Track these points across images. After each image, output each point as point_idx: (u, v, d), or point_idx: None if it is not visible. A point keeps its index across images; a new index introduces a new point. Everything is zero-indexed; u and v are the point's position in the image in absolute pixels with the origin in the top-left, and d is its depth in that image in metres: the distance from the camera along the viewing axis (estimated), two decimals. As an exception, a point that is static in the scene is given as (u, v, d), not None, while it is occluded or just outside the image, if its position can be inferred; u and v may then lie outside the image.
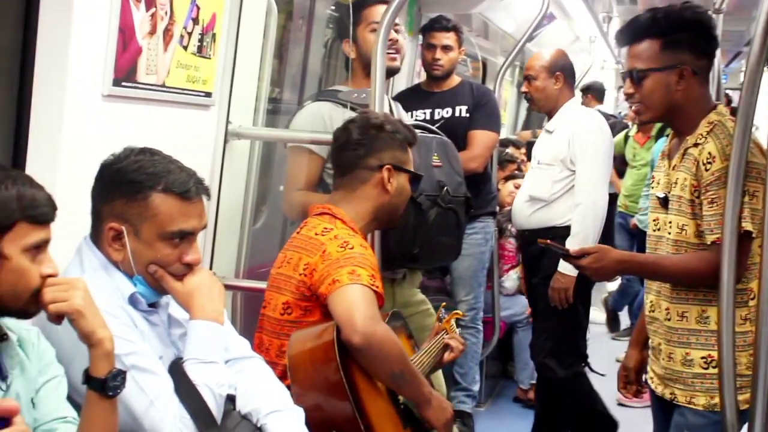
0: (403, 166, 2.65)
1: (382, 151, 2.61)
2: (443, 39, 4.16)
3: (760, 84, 2.10)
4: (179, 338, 2.05)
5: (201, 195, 1.98)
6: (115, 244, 1.93)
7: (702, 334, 2.39)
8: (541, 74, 4.03)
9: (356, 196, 2.60)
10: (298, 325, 2.42)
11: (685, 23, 2.41)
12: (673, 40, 2.40)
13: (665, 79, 2.41)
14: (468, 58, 6.34)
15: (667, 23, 2.41)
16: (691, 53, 2.40)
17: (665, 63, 2.40)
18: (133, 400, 1.81)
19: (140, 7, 2.36)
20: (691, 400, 2.41)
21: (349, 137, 2.62)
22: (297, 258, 2.47)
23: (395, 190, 2.62)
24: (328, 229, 2.49)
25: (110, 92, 2.32)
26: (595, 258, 2.48)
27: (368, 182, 2.60)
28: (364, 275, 2.32)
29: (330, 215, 2.56)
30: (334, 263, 2.36)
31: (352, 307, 2.25)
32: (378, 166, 2.59)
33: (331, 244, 2.41)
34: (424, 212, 3.00)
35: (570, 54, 8.75)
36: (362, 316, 2.23)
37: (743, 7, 4.32)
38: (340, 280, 2.31)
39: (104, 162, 1.97)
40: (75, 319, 1.63)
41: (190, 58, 2.65)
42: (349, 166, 2.63)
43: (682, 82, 2.40)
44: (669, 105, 2.43)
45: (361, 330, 2.22)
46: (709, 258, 2.29)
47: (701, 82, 2.44)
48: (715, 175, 2.29)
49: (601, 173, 3.89)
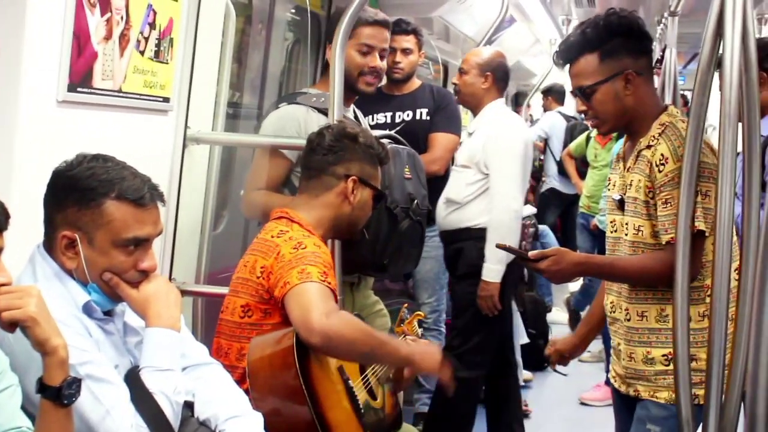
0: (370, 181, 2.66)
1: (351, 162, 2.62)
2: (403, 42, 4.17)
3: (711, 85, 2.13)
4: (135, 346, 2.03)
5: (156, 201, 1.97)
6: (68, 252, 1.91)
7: (662, 333, 2.43)
8: (472, 70, 4.02)
9: (318, 203, 2.61)
10: (259, 327, 2.42)
11: (615, 29, 2.44)
12: (608, 48, 2.43)
13: (613, 88, 2.44)
14: (429, 62, 6.37)
15: (598, 34, 2.44)
16: (629, 57, 2.44)
17: (608, 73, 2.43)
18: (89, 409, 1.79)
19: (95, 12, 2.34)
20: (654, 394, 2.45)
21: (321, 142, 2.63)
22: (253, 261, 2.47)
23: (357, 202, 2.63)
24: (284, 231, 2.49)
25: (65, 98, 2.29)
26: (553, 261, 2.50)
27: (332, 190, 2.61)
28: (314, 272, 2.32)
29: (287, 219, 2.56)
30: (287, 265, 2.36)
31: (305, 307, 2.25)
32: (344, 176, 2.60)
33: (285, 246, 2.42)
34: (398, 223, 3.01)
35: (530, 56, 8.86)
36: (317, 314, 2.22)
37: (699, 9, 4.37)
38: (290, 281, 2.31)
39: (56, 169, 1.94)
40: (29, 326, 1.61)
41: (147, 63, 2.63)
42: (316, 170, 2.64)
43: (630, 86, 2.43)
44: (622, 112, 2.46)
45: (317, 329, 2.20)
46: (664, 258, 2.32)
47: (646, 82, 2.48)
48: (669, 176, 2.32)
49: (517, 176, 3.87)
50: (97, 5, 2.34)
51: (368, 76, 3.26)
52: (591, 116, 2.53)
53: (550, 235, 7.09)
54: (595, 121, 2.52)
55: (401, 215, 3.02)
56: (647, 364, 2.45)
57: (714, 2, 2.04)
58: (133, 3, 2.50)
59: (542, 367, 5.79)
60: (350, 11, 2.77)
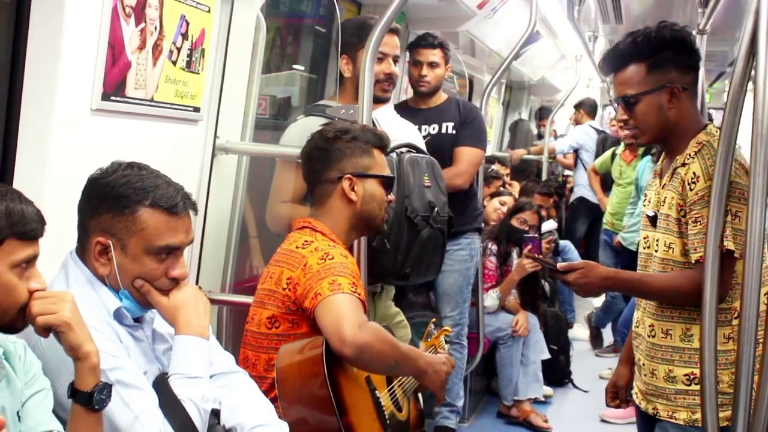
0: (367, 172, 2.62)
1: (339, 162, 2.59)
2: (429, 56, 4.18)
3: (743, 105, 2.13)
4: (164, 353, 2.05)
5: (188, 210, 1.98)
6: (101, 259, 1.93)
7: (685, 352, 2.41)
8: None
9: (326, 210, 2.60)
10: (287, 338, 2.42)
11: (666, 42, 2.42)
12: (657, 60, 2.42)
13: (657, 100, 2.42)
14: (455, 75, 6.38)
15: (648, 45, 2.43)
16: (677, 70, 2.42)
17: (654, 84, 2.42)
18: (118, 415, 1.80)
19: (130, 22, 2.37)
20: (673, 414, 2.42)
21: (310, 153, 2.63)
22: (279, 272, 2.46)
23: (362, 197, 2.59)
24: (309, 242, 2.49)
25: (99, 106, 2.33)
26: (581, 273, 2.48)
27: (332, 195, 2.59)
28: (344, 284, 2.32)
29: (311, 228, 2.56)
30: (315, 276, 2.36)
31: (338, 319, 2.25)
32: (338, 178, 2.58)
33: (312, 257, 2.42)
34: (418, 232, 3.01)
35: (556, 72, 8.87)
36: (349, 327, 2.22)
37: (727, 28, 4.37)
38: (322, 292, 2.31)
39: (91, 176, 1.96)
40: (63, 331, 1.63)
41: (179, 73, 2.66)
42: (313, 181, 2.64)
43: (674, 100, 2.42)
44: (664, 125, 2.45)
45: (350, 342, 2.21)
46: (692, 276, 2.31)
47: (690, 98, 2.46)
48: (699, 195, 2.31)
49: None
50: (132, 15, 2.37)
51: (384, 83, 3.32)
52: (631, 126, 2.52)
53: (573, 251, 7.06)
54: (635, 131, 2.51)
55: (422, 224, 3.02)
56: (668, 382, 2.43)
57: (747, 22, 2.05)
58: (167, 14, 2.53)
59: (563, 383, 5.78)
60: (381, 24, 2.78)
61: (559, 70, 8.65)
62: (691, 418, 2.38)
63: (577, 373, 5.91)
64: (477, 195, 4.48)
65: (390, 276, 3.06)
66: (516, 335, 5.01)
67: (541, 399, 5.23)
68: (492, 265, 5.12)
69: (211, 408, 2.00)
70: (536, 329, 5.20)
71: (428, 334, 2.92)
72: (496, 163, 6.99)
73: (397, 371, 2.50)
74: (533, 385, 5.06)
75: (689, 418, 2.39)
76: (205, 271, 3.01)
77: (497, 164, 6.97)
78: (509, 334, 5.02)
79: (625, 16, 5.63)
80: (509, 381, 5.02)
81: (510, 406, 5.07)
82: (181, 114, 2.73)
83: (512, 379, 5.01)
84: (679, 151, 2.44)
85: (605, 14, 5.66)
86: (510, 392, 5.03)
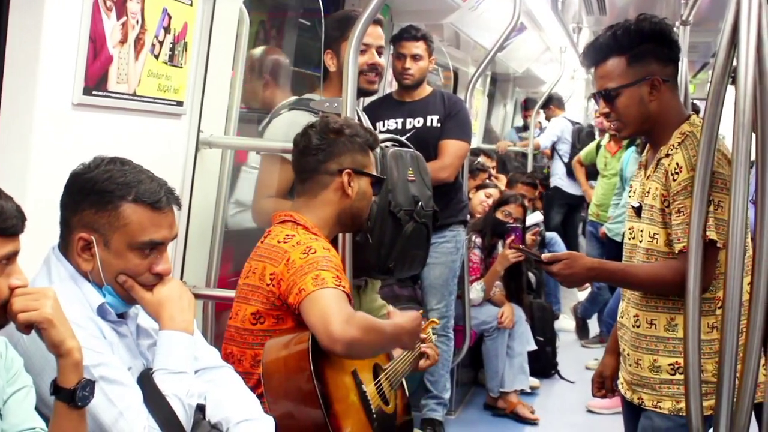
0: (364, 170, 2.64)
1: (341, 156, 2.59)
2: (413, 48, 4.17)
3: (725, 95, 2.13)
4: (148, 349, 2.04)
5: (172, 205, 1.98)
6: (84, 254, 1.92)
7: (670, 342, 2.43)
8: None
9: (318, 202, 2.59)
10: (272, 333, 2.41)
11: (645, 34, 2.43)
12: (637, 53, 2.43)
13: (638, 92, 2.43)
14: (439, 68, 6.37)
15: (628, 38, 2.44)
16: (657, 63, 2.43)
17: (635, 77, 2.43)
18: (102, 411, 1.80)
19: (111, 16, 2.36)
20: (658, 404, 2.44)
21: (309, 142, 2.61)
22: (262, 267, 2.45)
23: (356, 193, 2.60)
24: (290, 236, 2.48)
25: (80, 101, 2.31)
26: (566, 264, 2.50)
27: (329, 187, 2.59)
28: (328, 278, 2.31)
29: (292, 222, 2.55)
30: (298, 271, 2.35)
31: (325, 315, 2.24)
32: (338, 171, 2.58)
33: (294, 252, 2.40)
34: (402, 227, 3.01)
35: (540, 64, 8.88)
36: (337, 323, 2.21)
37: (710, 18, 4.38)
38: (306, 288, 2.30)
39: (74, 171, 1.95)
40: (45, 328, 1.62)
41: (162, 67, 2.64)
42: (309, 171, 2.62)
43: (654, 92, 2.43)
44: (645, 117, 2.46)
45: (340, 339, 2.20)
46: (676, 266, 2.32)
47: (671, 89, 2.47)
48: (682, 185, 2.32)
49: None
50: (113, 9, 2.36)
51: (369, 74, 3.32)
52: (613, 119, 2.54)
53: (560, 243, 7.09)
54: (617, 124, 2.53)
55: (405, 218, 3.02)
56: (653, 372, 2.45)
57: (729, 13, 2.05)
58: (149, 7, 2.52)
59: (549, 375, 5.80)
60: (365, 16, 2.77)
61: (543, 62, 8.66)
62: (676, 407, 2.40)
63: (564, 364, 5.94)
64: (462, 187, 4.48)
65: (374, 270, 3.06)
66: (502, 327, 5.02)
67: (528, 390, 5.24)
68: (477, 257, 5.12)
69: (197, 403, 2.00)
70: (522, 321, 5.21)
71: None
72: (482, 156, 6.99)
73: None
74: (519, 376, 5.07)
75: (674, 407, 2.40)
76: (190, 266, 3.00)
77: (483, 156, 6.97)
78: (495, 326, 5.03)
79: (609, 8, 5.65)
80: (495, 373, 5.03)
81: (496, 397, 5.08)
82: (164, 108, 2.71)
83: (498, 371, 5.02)
84: (663, 143, 2.45)
85: (589, 6, 5.67)
86: (496, 384, 5.04)
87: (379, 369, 2.60)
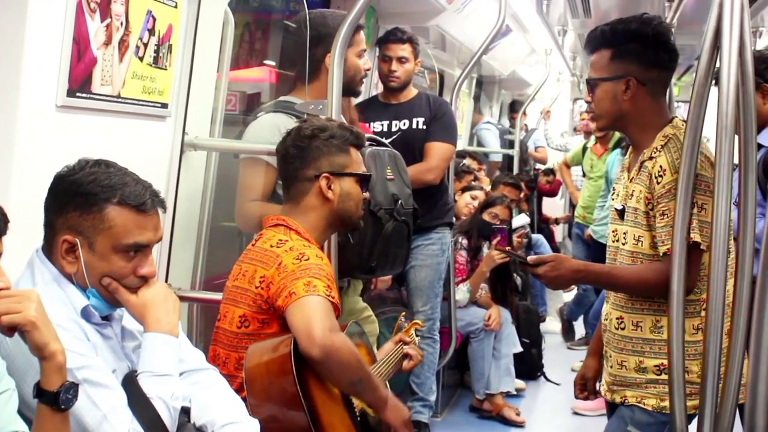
0: (344, 170, 2.61)
1: (317, 160, 2.57)
2: (399, 51, 4.18)
3: (708, 97, 2.15)
4: (133, 351, 2.03)
5: (157, 208, 1.97)
6: (68, 257, 1.91)
7: (656, 344, 2.43)
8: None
9: (302, 208, 2.59)
10: (256, 337, 2.41)
11: (631, 34, 2.45)
12: (621, 50, 2.45)
13: (613, 88, 2.46)
14: (425, 70, 6.38)
15: (615, 34, 2.47)
16: (639, 64, 2.44)
17: (613, 73, 2.46)
18: (86, 414, 1.79)
19: (95, 18, 2.35)
20: (642, 400, 2.45)
21: (287, 150, 2.61)
22: (252, 270, 2.45)
23: (339, 196, 2.58)
24: (283, 240, 2.47)
25: (64, 103, 2.30)
26: (551, 266, 2.49)
27: (309, 193, 2.58)
28: (320, 286, 2.32)
29: (285, 226, 2.54)
30: (290, 275, 2.35)
31: (310, 319, 2.25)
32: (315, 176, 2.57)
33: (287, 256, 2.40)
34: (382, 226, 3.01)
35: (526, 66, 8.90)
36: (320, 328, 2.23)
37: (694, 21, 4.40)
38: (296, 292, 2.30)
39: (58, 173, 1.94)
40: (28, 331, 1.61)
41: (146, 69, 2.64)
42: (290, 179, 2.62)
43: (629, 92, 2.44)
44: (617, 114, 2.49)
45: (319, 342, 2.21)
46: (661, 269, 2.33)
47: (652, 93, 2.47)
48: (666, 188, 2.33)
49: None
50: (97, 11, 2.35)
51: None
52: (592, 108, 2.61)
53: (545, 245, 7.11)
54: (593, 113, 2.60)
55: (385, 217, 3.02)
56: (639, 373, 2.45)
57: (711, 15, 2.06)
58: (133, 9, 2.51)
59: (535, 377, 5.81)
60: (349, 19, 2.78)
61: (529, 64, 8.68)
62: (660, 404, 2.41)
63: (550, 366, 5.95)
64: (448, 190, 4.48)
65: (356, 270, 3.06)
66: (488, 329, 5.03)
67: (513, 392, 5.25)
68: (462, 259, 5.13)
69: (181, 406, 1.99)
70: (508, 323, 5.22)
71: (398, 327, 2.93)
72: (467, 158, 7.00)
73: (359, 391, 2.41)
74: (505, 378, 5.08)
75: (657, 404, 2.42)
76: (175, 268, 2.99)
77: (468, 159, 6.98)
78: (481, 328, 5.03)
79: (593, 11, 5.66)
80: (481, 375, 5.04)
81: (482, 399, 5.09)
82: (149, 110, 2.70)
83: (484, 373, 5.03)
84: (646, 145, 2.46)
85: (574, 9, 5.69)
86: (482, 386, 5.05)
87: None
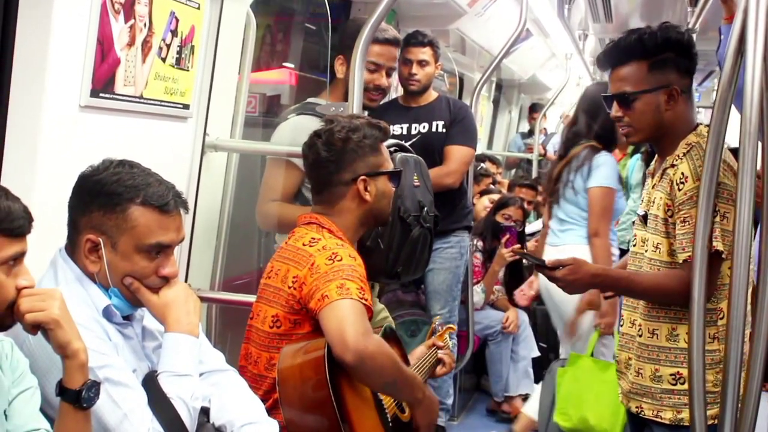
0: (379, 170, 2.58)
1: (353, 163, 2.52)
2: (419, 54, 4.17)
3: (731, 104, 2.13)
4: (153, 351, 2.04)
5: (179, 208, 1.98)
6: (91, 256, 1.93)
7: (671, 352, 2.42)
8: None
9: (337, 211, 2.54)
10: (288, 338, 2.38)
11: (669, 43, 2.42)
12: (659, 60, 2.42)
13: (655, 100, 2.42)
14: (445, 73, 6.38)
15: (653, 44, 2.42)
16: (677, 73, 2.43)
17: (654, 84, 2.42)
18: (107, 413, 1.80)
19: (119, 19, 2.36)
20: (658, 413, 2.43)
21: (318, 155, 2.54)
22: (285, 270, 2.41)
23: (375, 196, 2.55)
24: (316, 239, 2.44)
25: (88, 103, 2.31)
26: (570, 270, 2.46)
27: (346, 197, 2.53)
28: (353, 289, 2.27)
29: (317, 225, 2.50)
30: (323, 276, 2.30)
31: (343, 324, 2.20)
32: (352, 180, 2.52)
33: (320, 256, 2.36)
34: (410, 232, 3.00)
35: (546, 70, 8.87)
36: (353, 333, 2.18)
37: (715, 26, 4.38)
38: (329, 295, 2.26)
39: (83, 173, 1.96)
40: (51, 329, 1.63)
41: (169, 70, 2.65)
42: (323, 184, 2.56)
43: (671, 102, 2.42)
44: (659, 125, 2.45)
45: (353, 348, 2.17)
46: (680, 276, 2.31)
47: (687, 101, 2.46)
48: (687, 195, 2.32)
49: None
50: (121, 12, 2.36)
51: (372, 92, 3.33)
52: (625, 123, 2.50)
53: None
54: (628, 129, 2.50)
55: (413, 223, 3.01)
56: (654, 382, 2.44)
57: (736, 21, 2.05)
58: (156, 10, 2.52)
59: (552, 381, 5.77)
60: (369, 26, 2.77)
61: (549, 68, 8.66)
62: (677, 417, 2.39)
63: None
64: (467, 193, 4.48)
65: (381, 275, 3.06)
66: (506, 332, 5.02)
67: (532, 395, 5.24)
68: (478, 261, 5.13)
69: (201, 406, 2.00)
70: (526, 325, 5.21)
71: (433, 331, 2.92)
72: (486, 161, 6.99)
73: (394, 392, 2.40)
74: (524, 381, 5.07)
75: (674, 417, 2.40)
76: (195, 269, 3.00)
77: (487, 162, 6.97)
78: (499, 330, 5.03)
79: (615, 15, 5.65)
80: (499, 377, 5.03)
81: (500, 402, 5.08)
82: (171, 111, 2.72)
83: (502, 376, 5.02)
84: (670, 152, 2.44)
85: (595, 13, 5.68)
86: (500, 388, 5.04)
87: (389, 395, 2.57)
